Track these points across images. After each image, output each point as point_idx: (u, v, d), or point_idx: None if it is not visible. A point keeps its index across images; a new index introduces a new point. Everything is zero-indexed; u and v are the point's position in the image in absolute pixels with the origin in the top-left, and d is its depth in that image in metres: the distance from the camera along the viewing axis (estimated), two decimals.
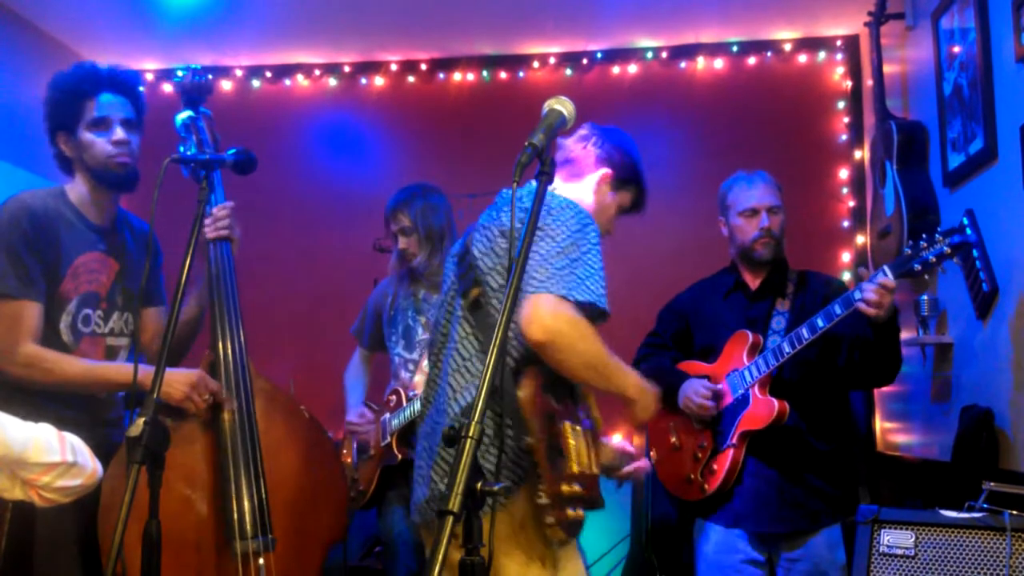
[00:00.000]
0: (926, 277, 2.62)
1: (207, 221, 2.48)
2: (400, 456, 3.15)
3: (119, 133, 2.37)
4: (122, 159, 2.37)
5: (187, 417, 2.32)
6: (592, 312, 1.93)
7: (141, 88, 2.53)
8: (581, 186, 2.25)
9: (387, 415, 3.23)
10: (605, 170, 2.26)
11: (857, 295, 2.59)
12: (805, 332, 2.68)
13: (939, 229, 2.57)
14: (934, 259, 2.53)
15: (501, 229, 2.06)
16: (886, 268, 2.59)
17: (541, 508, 1.90)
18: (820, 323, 2.65)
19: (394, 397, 3.24)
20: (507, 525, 1.94)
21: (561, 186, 2.24)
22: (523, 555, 1.97)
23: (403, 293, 3.28)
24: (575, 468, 1.93)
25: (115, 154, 2.36)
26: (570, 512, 1.92)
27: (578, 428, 1.99)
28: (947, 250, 2.52)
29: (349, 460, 3.33)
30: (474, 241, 2.14)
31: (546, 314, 1.87)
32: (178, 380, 2.28)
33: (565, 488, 1.91)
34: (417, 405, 3.10)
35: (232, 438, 2.34)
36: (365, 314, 3.46)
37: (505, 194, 2.20)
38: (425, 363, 3.20)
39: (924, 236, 2.56)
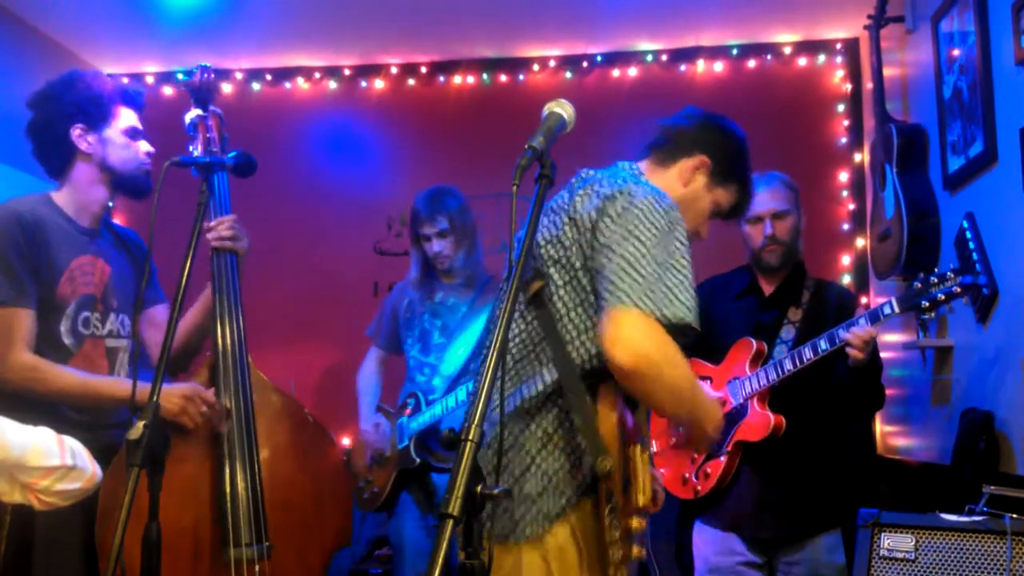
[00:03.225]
0: (932, 315, 2.59)
1: (209, 231, 2.48)
2: (418, 460, 3.15)
3: (147, 146, 2.51)
4: (147, 167, 2.50)
5: (185, 431, 2.31)
6: (682, 329, 1.71)
7: None
8: (670, 172, 2.01)
9: (405, 418, 3.23)
10: (702, 156, 2.01)
11: (842, 334, 2.58)
12: (808, 352, 2.67)
13: (951, 267, 2.53)
14: (943, 297, 2.50)
15: (572, 216, 1.84)
16: (893, 301, 2.57)
17: (611, 543, 1.67)
18: (823, 346, 2.65)
19: (412, 401, 3.24)
20: (543, 556, 1.73)
21: (649, 170, 2.02)
22: None
23: (420, 296, 3.30)
24: (641, 500, 1.72)
25: (146, 163, 2.50)
26: (635, 549, 1.71)
27: (646, 453, 1.77)
28: (957, 289, 2.48)
29: (364, 462, 3.34)
30: (540, 227, 1.90)
31: (635, 337, 1.65)
32: (173, 393, 2.26)
33: (634, 523, 1.70)
34: (438, 409, 3.10)
35: (230, 442, 2.33)
36: (382, 316, 3.48)
37: (584, 175, 1.95)
38: (442, 367, 3.22)
39: (936, 272, 2.53)
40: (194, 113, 2.62)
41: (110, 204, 2.54)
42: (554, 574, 1.73)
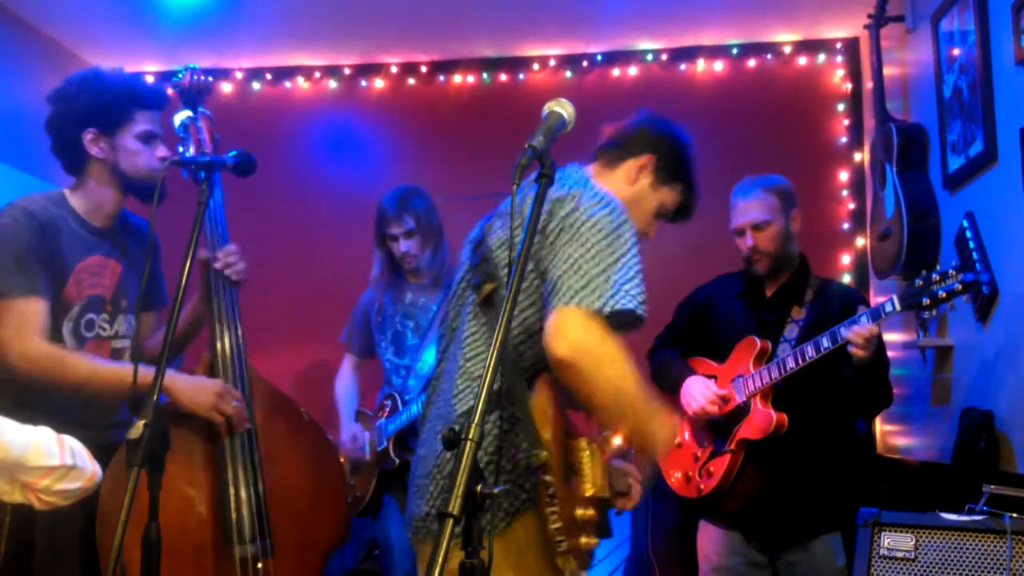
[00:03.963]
0: (933, 312, 2.58)
1: (218, 261, 2.46)
2: (398, 461, 3.15)
3: (163, 150, 2.43)
4: (158, 173, 2.40)
5: (188, 420, 2.30)
6: (629, 319, 1.72)
7: None
8: (617, 173, 2.06)
9: (382, 420, 3.23)
10: (648, 156, 2.06)
11: (843, 332, 2.58)
12: (810, 350, 2.66)
13: (953, 264, 2.52)
14: (944, 294, 2.48)
15: (521, 223, 1.85)
16: (895, 298, 2.57)
17: (553, 534, 1.71)
18: (825, 344, 2.64)
19: (389, 402, 3.25)
20: (505, 551, 1.76)
21: (596, 173, 2.06)
22: None
23: (390, 298, 3.30)
24: (589, 490, 1.75)
25: (158, 169, 2.38)
26: (584, 539, 1.74)
27: (594, 444, 1.81)
28: (959, 286, 2.47)
29: (345, 469, 3.33)
30: (492, 230, 1.97)
31: (575, 330, 1.68)
32: (206, 390, 2.27)
33: (579, 512, 1.73)
34: (415, 409, 3.10)
35: (231, 441, 2.34)
36: (353, 321, 3.48)
37: (535, 178, 2.00)
38: (418, 366, 3.22)
39: (937, 270, 2.52)
40: (184, 115, 2.59)
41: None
42: (512, 567, 1.77)
